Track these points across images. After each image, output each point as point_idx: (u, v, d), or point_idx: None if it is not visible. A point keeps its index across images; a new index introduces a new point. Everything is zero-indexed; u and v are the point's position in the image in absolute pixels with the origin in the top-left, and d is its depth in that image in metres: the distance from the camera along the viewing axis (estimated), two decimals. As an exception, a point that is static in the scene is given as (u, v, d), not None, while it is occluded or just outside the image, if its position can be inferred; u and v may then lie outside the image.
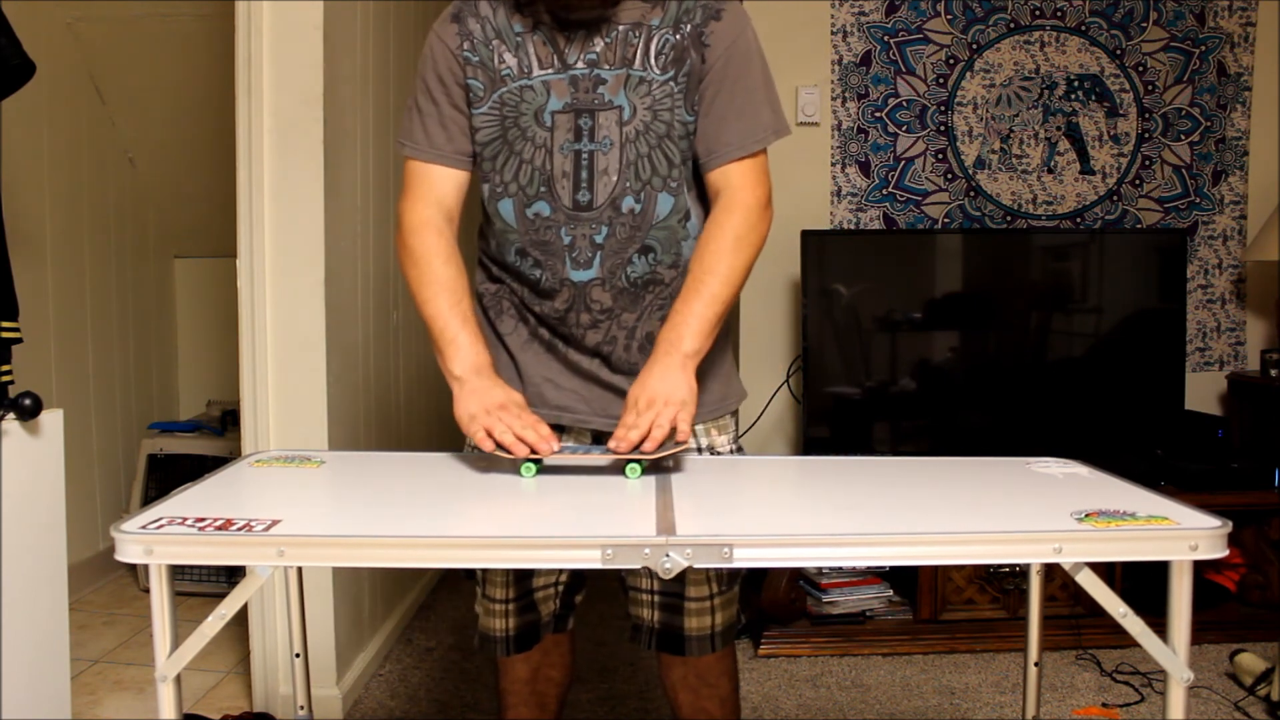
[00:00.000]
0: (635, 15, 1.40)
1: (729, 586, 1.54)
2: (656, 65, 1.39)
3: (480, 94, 1.42)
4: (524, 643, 1.58)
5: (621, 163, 1.40)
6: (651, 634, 1.55)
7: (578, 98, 1.39)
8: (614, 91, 1.39)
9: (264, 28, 2.21)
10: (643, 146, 1.40)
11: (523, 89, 1.40)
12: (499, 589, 1.55)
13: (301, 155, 2.24)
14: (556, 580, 1.58)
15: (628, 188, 1.41)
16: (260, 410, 2.28)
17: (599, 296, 1.44)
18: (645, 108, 1.39)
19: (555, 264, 1.44)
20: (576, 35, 1.39)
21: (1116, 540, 1.06)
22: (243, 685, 2.49)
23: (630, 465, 1.29)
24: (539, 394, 1.50)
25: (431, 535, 1.07)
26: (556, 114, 1.40)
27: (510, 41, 1.41)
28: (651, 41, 1.39)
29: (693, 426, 1.49)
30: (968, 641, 2.76)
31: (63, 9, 3.03)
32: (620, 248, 1.43)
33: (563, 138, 1.40)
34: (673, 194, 1.43)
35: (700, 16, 1.40)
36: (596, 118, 1.39)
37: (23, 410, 1.70)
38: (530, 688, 1.64)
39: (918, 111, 3.16)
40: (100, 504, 3.32)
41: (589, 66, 1.39)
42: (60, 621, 1.85)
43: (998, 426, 2.98)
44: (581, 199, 1.41)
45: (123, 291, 3.47)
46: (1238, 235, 3.26)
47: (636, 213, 1.42)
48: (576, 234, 1.42)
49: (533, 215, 1.43)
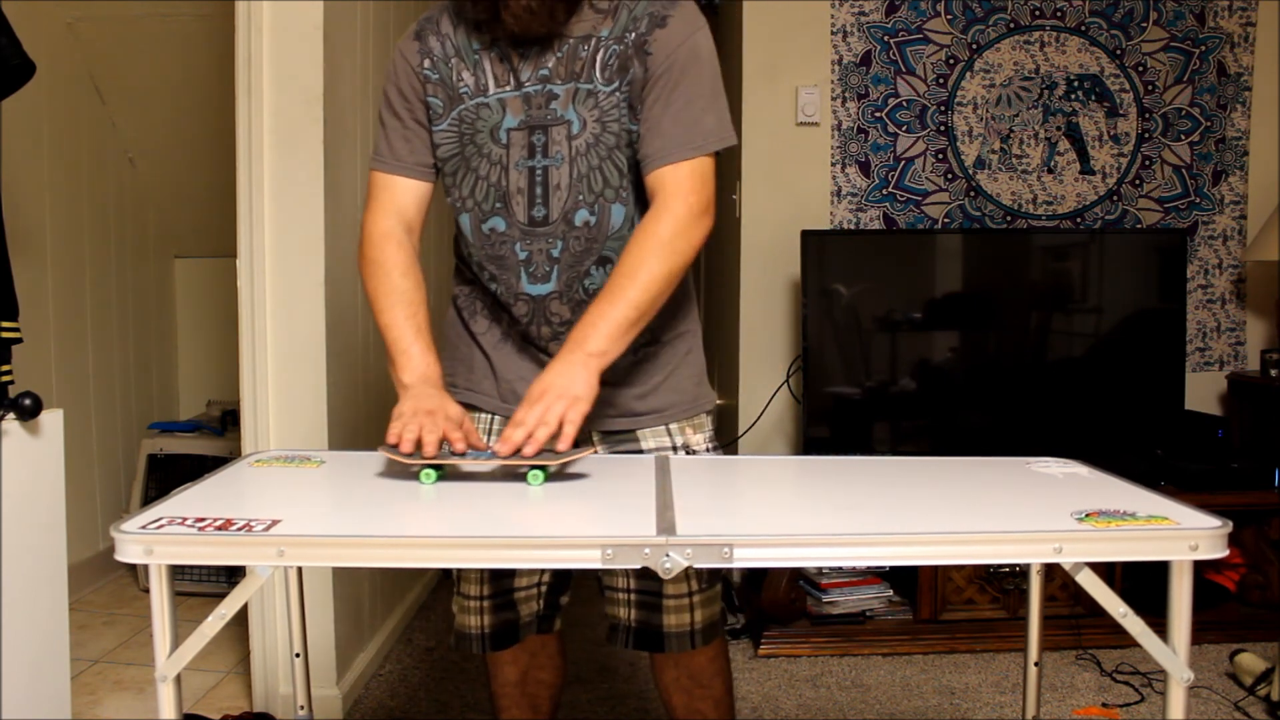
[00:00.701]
0: (586, 27, 1.39)
1: (708, 585, 1.54)
2: (602, 77, 1.39)
3: (440, 111, 1.44)
4: (501, 641, 1.58)
5: (572, 176, 1.40)
6: (628, 632, 1.55)
7: (531, 114, 1.40)
8: (564, 106, 1.39)
9: (264, 28, 2.21)
10: (593, 159, 1.40)
11: (479, 106, 1.41)
12: (473, 585, 1.56)
13: (301, 155, 2.25)
14: (539, 580, 1.59)
15: (580, 200, 1.41)
16: (260, 410, 2.28)
17: (558, 309, 1.46)
18: (594, 120, 1.39)
19: (509, 278, 1.45)
20: (530, 52, 1.39)
21: (1116, 540, 1.06)
22: (243, 685, 2.49)
23: (532, 472, 1.26)
24: (512, 391, 1.50)
25: (431, 535, 1.07)
26: (512, 131, 1.41)
27: (469, 59, 1.42)
28: (599, 53, 1.39)
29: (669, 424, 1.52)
30: (968, 641, 2.76)
31: (63, 9, 3.03)
32: (576, 261, 1.43)
33: (518, 154, 1.41)
34: (624, 204, 1.43)
35: (646, 25, 1.39)
36: (549, 133, 1.40)
37: (23, 410, 1.70)
38: (520, 690, 1.65)
39: (918, 111, 3.16)
40: (100, 504, 3.32)
41: (541, 83, 1.39)
42: (60, 621, 1.85)
43: (998, 426, 2.98)
44: (537, 214, 1.42)
45: (123, 291, 3.47)
46: (1238, 235, 3.26)
47: (591, 225, 1.42)
48: (533, 249, 1.43)
49: (488, 230, 1.45)
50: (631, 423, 1.51)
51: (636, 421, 1.51)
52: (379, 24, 2.67)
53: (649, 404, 1.51)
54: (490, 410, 1.54)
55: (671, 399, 1.53)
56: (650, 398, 1.51)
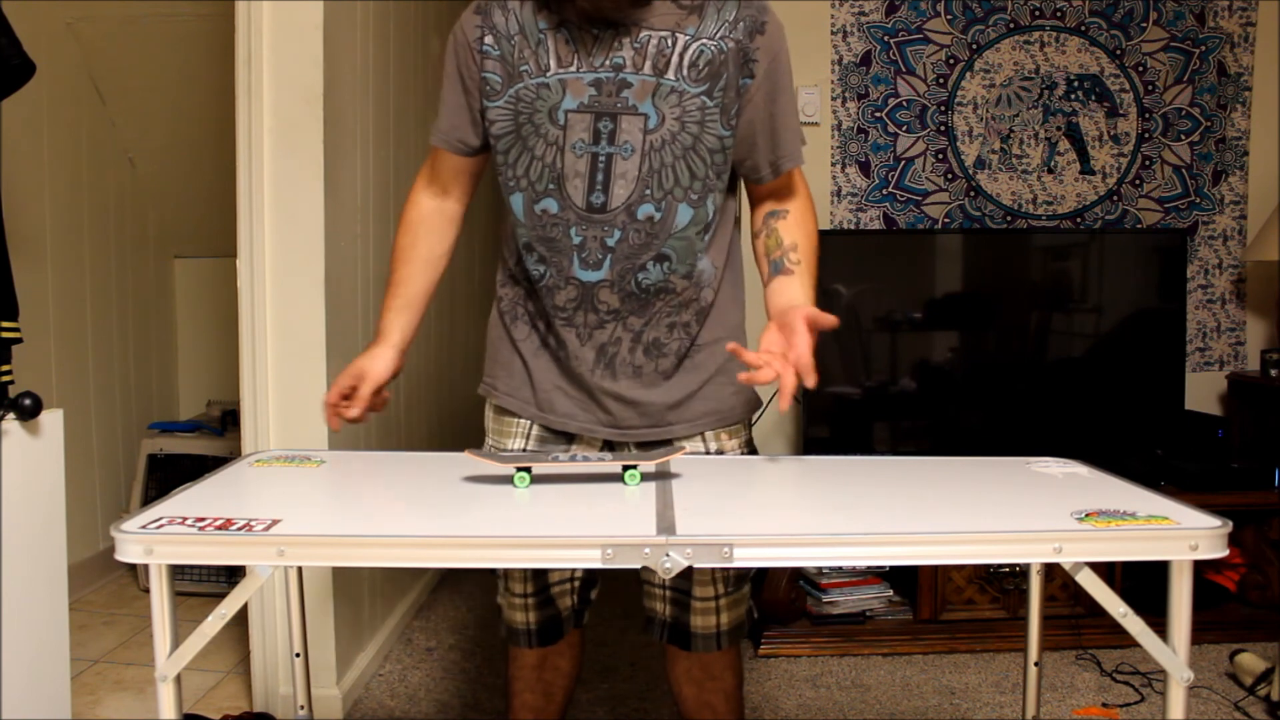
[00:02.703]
0: (669, 22, 1.37)
1: (736, 588, 1.55)
2: (689, 76, 1.37)
3: (497, 87, 1.42)
4: (547, 637, 1.61)
5: (642, 170, 1.38)
6: (664, 627, 1.58)
7: (599, 100, 1.37)
8: (640, 98, 1.37)
9: (264, 27, 2.21)
10: (667, 156, 1.38)
11: (539, 86, 1.39)
12: (519, 584, 1.57)
13: (301, 155, 2.24)
14: (572, 576, 1.60)
15: (647, 195, 1.39)
16: (260, 410, 2.28)
17: (606, 298, 1.44)
18: (674, 118, 1.37)
19: (562, 261, 1.43)
20: (604, 36, 1.36)
21: (1116, 540, 1.06)
22: (243, 685, 2.49)
23: (629, 472, 1.29)
24: (549, 401, 1.51)
25: (431, 535, 1.07)
26: (571, 113, 1.38)
27: (532, 38, 1.39)
28: (686, 51, 1.37)
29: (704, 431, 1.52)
30: (968, 641, 2.76)
31: (63, 9, 3.03)
32: (634, 253, 1.42)
33: (577, 137, 1.39)
34: (693, 206, 1.41)
35: (744, 31, 1.38)
36: (619, 122, 1.37)
37: (23, 410, 1.70)
38: (537, 674, 1.65)
39: (918, 111, 3.16)
40: (100, 504, 3.32)
41: (614, 70, 1.37)
42: (60, 621, 1.85)
43: (998, 426, 2.98)
44: (595, 201, 1.40)
45: (123, 291, 3.47)
46: (1238, 235, 3.26)
47: (656, 220, 1.40)
48: (588, 235, 1.41)
49: (540, 211, 1.43)
50: (665, 432, 1.50)
51: (670, 431, 1.50)
52: (379, 24, 2.67)
53: (682, 414, 1.50)
54: (527, 417, 1.54)
55: (708, 407, 1.51)
56: (684, 406, 1.50)
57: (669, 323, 1.46)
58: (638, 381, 1.47)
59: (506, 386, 1.55)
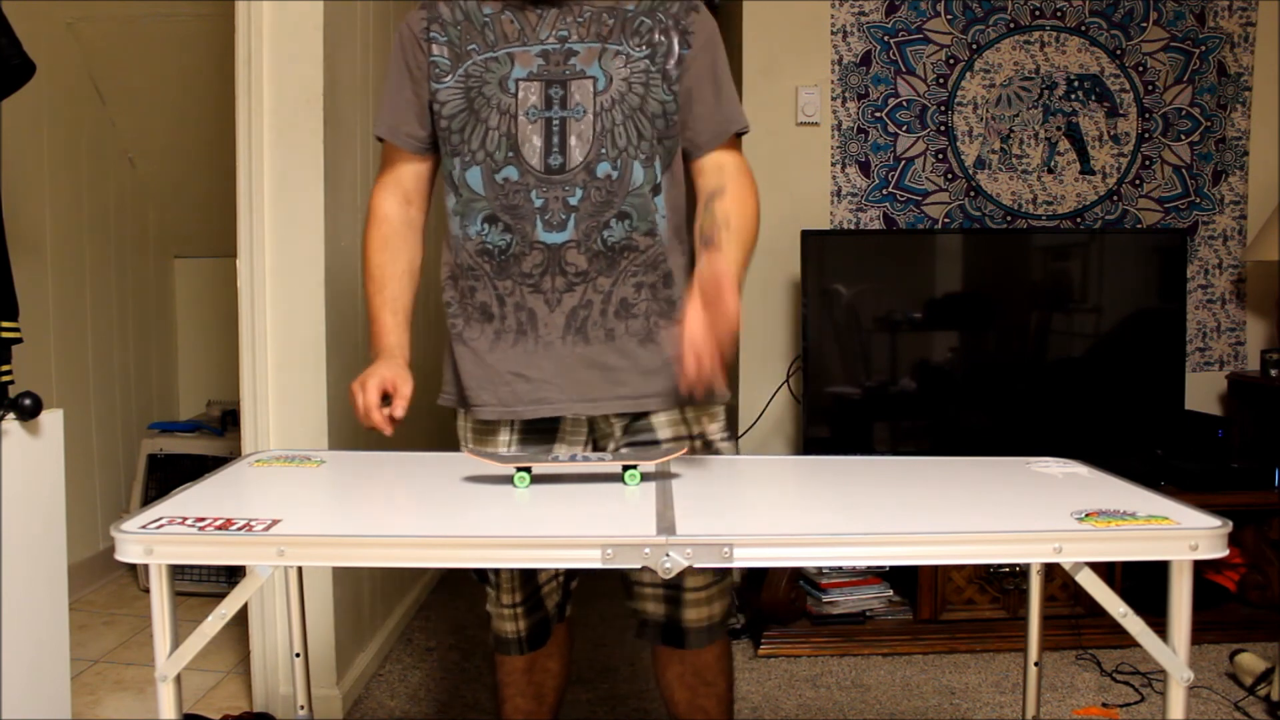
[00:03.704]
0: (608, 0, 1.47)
1: (721, 577, 1.57)
2: (632, 43, 1.46)
3: (445, 69, 1.47)
4: (536, 641, 1.62)
5: (596, 129, 1.44)
6: (657, 628, 1.58)
7: (547, 69, 1.44)
8: (587, 62, 1.44)
9: (264, 28, 2.21)
10: (617, 115, 1.45)
11: (488, 60, 1.45)
12: (507, 594, 1.58)
13: (301, 155, 2.24)
14: (556, 573, 1.61)
15: (603, 154, 1.44)
16: (260, 410, 2.28)
17: (574, 259, 1.46)
18: (621, 79, 1.45)
19: (525, 227, 1.45)
20: (547, 14, 1.46)
21: (1116, 540, 1.06)
22: (243, 685, 2.49)
23: (629, 472, 1.29)
24: (512, 392, 1.49)
25: (431, 535, 1.07)
26: (521, 81, 1.44)
27: (478, 22, 1.47)
28: (627, 22, 1.46)
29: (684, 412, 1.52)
30: (968, 641, 2.76)
31: (63, 9, 3.03)
32: (596, 211, 1.45)
33: (530, 104, 1.44)
34: (644, 165, 1.47)
35: (679, 8, 1.49)
36: (569, 87, 1.44)
37: (23, 410, 1.70)
38: (527, 678, 1.66)
39: (918, 111, 3.16)
40: (100, 504, 3.32)
41: (560, 41, 1.45)
42: (60, 621, 1.85)
43: (998, 426, 2.98)
44: (554, 162, 1.44)
45: (123, 291, 3.47)
46: (1238, 235, 3.26)
47: (614, 179, 1.45)
48: (549, 196, 1.45)
49: (502, 180, 1.46)
50: (640, 404, 1.49)
51: (645, 403, 1.49)
52: (379, 24, 2.67)
53: (657, 384, 1.49)
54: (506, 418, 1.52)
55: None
56: (661, 376, 1.49)
57: (635, 282, 1.48)
58: (610, 345, 1.47)
59: (476, 396, 1.52)
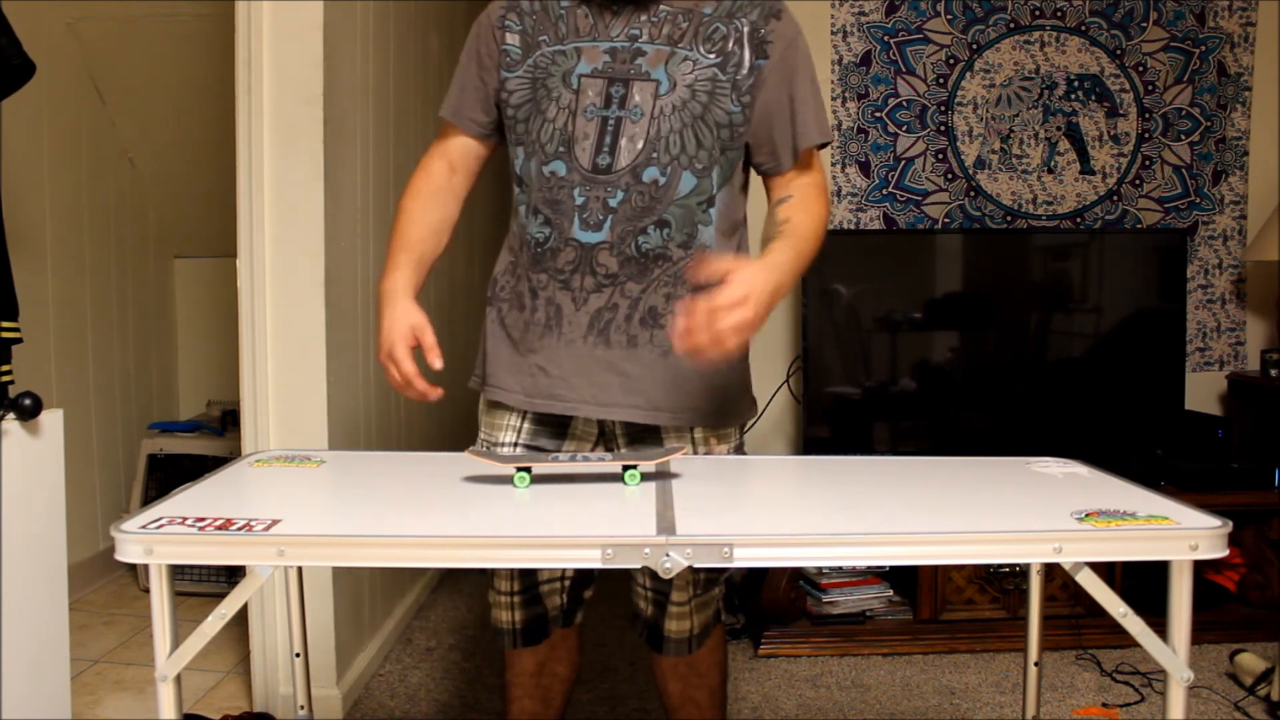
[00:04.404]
0: (686, 2, 1.44)
1: (705, 590, 1.57)
2: (703, 49, 1.43)
3: (516, 58, 1.47)
4: (531, 636, 1.61)
5: (650, 133, 1.42)
6: (645, 627, 1.62)
7: (613, 67, 1.42)
8: (653, 65, 1.42)
9: (264, 28, 2.21)
10: (675, 122, 1.42)
11: (555, 53, 1.45)
12: (504, 581, 1.58)
13: (301, 155, 2.24)
14: (561, 575, 1.60)
15: (653, 159, 1.42)
16: (260, 410, 2.28)
17: (605, 260, 1.44)
18: (685, 85, 1.42)
19: (563, 222, 1.44)
20: (623, 11, 1.43)
21: (1116, 540, 1.06)
22: (243, 685, 2.49)
23: (629, 473, 1.29)
24: (534, 383, 1.49)
25: (431, 535, 1.07)
26: (584, 77, 1.43)
27: (553, 14, 1.46)
28: (701, 25, 1.43)
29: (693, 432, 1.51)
30: (968, 641, 2.76)
31: (63, 9, 3.03)
32: (635, 215, 1.43)
33: (588, 101, 1.42)
34: (696, 175, 1.44)
35: (758, 15, 1.44)
36: (630, 86, 1.42)
37: (23, 410, 1.70)
38: (535, 681, 1.66)
39: (918, 111, 3.16)
40: (100, 504, 3.32)
41: (630, 40, 1.43)
42: (60, 621, 1.85)
43: (998, 426, 2.98)
44: (601, 162, 1.43)
45: (123, 291, 3.47)
46: (1238, 235, 3.26)
47: (660, 185, 1.43)
48: (590, 195, 1.43)
49: (549, 174, 1.45)
50: (652, 416, 1.47)
51: (657, 416, 1.47)
52: (379, 24, 2.67)
53: (671, 400, 1.47)
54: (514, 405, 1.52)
55: (698, 403, 1.49)
56: (673, 394, 1.47)
57: (666, 293, 1.46)
58: (631, 352, 1.45)
59: (501, 380, 1.54)
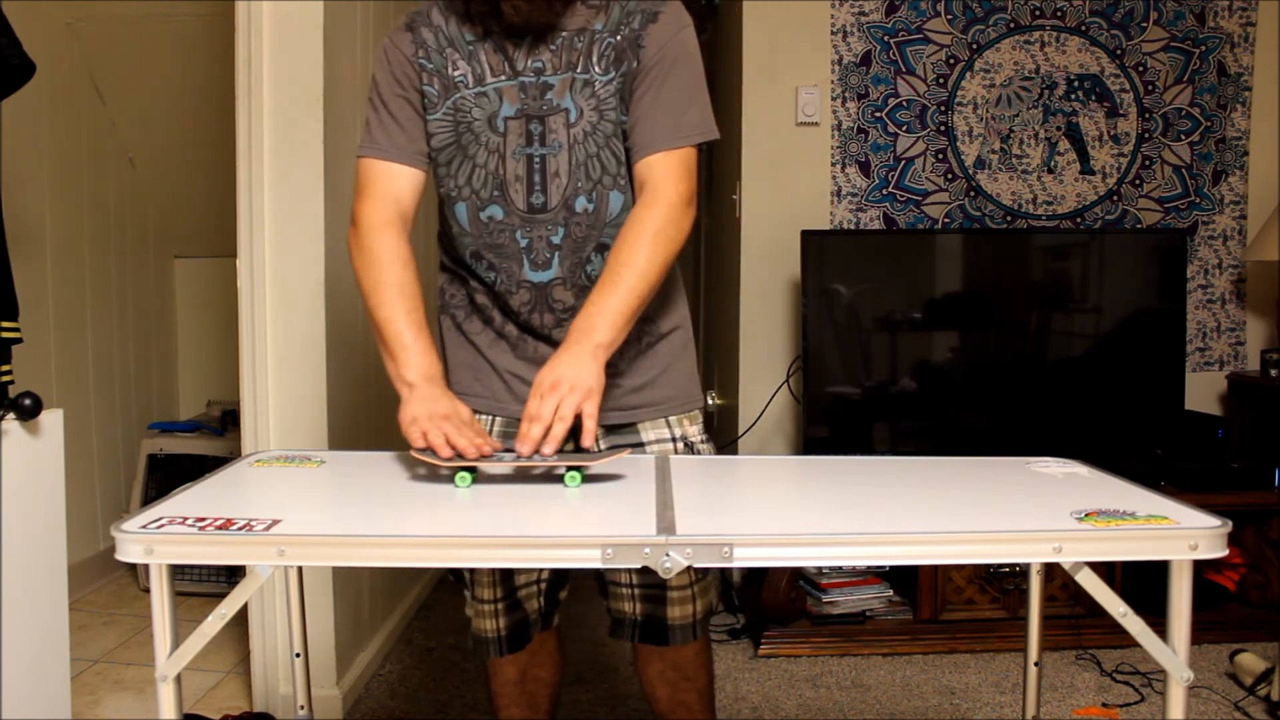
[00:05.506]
0: (580, 21, 1.43)
1: (705, 573, 1.57)
2: (599, 67, 1.42)
3: (435, 100, 1.45)
4: (515, 642, 1.60)
5: (571, 164, 1.43)
6: (634, 626, 1.58)
7: (527, 104, 1.42)
8: (560, 95, 1.42)
9: (264, 28, 2.21)
10: (591, 147, 1.43)
11: (477, 95, 1.43)
12: (486, 589, 1.56)
13: (301, 155, 2.25)
14: (538, 578, 1.59)
15: (579, 188, 1.44)
16: (260, 410, 2.28)
17: (561, 295, 1.47)
18: (591, 109, 1.42)
19: (511, 266, 1.46)
20: (524, 43, 1.42)
21: (1116, 540, 1.06)
22: (243, 685, 2.49)
23: (569, 474, 1.27)
24: (507, 389, 1.52)
25: (431, 535, 1.07)
26: (509, 119, 1.43)
27: (463, 50, 1.44)
28: (594, 45, 1.42)
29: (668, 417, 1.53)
30: (968, 641, 2.76)
31: (63, 9, 3.03)
32: (578, 247, 1.45)
33: (514, 143, 1.43)
34: (622, 192, 1.46)
35: (639, 21, 1.43)
36: (546, 122, 1.42)
37: (23, 410, 1.70)
38: (520, 688, 1.66)
39: (918, 111, 3.16)
40: (100, 504, 3.32)
41: (535, 74, 1.42)
42: (60, 621, 1.85)
43: (998, 426, 2.98)
44: (535, 201, 1.44)
45: (123, 291, 3.47)
46: (1238, 235, 3.26)
47: (590, 212, 1.45)
48: (533, 236, 1.45)
49: (486, 219, 1.45)
50: (630, 415, 1.52)
51: (635, 414, 1.52)
52: (379, 24, 2.67)
53: (645, 397, 1.53)
54: (491, 412, 1.55)
55: (668, 393, 1.54)
56: (647, 391, 1.53)
57: None
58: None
59: (468, 386, 1.54)
